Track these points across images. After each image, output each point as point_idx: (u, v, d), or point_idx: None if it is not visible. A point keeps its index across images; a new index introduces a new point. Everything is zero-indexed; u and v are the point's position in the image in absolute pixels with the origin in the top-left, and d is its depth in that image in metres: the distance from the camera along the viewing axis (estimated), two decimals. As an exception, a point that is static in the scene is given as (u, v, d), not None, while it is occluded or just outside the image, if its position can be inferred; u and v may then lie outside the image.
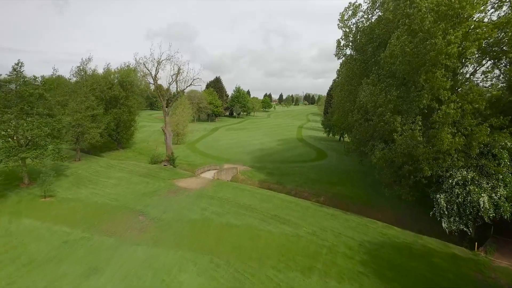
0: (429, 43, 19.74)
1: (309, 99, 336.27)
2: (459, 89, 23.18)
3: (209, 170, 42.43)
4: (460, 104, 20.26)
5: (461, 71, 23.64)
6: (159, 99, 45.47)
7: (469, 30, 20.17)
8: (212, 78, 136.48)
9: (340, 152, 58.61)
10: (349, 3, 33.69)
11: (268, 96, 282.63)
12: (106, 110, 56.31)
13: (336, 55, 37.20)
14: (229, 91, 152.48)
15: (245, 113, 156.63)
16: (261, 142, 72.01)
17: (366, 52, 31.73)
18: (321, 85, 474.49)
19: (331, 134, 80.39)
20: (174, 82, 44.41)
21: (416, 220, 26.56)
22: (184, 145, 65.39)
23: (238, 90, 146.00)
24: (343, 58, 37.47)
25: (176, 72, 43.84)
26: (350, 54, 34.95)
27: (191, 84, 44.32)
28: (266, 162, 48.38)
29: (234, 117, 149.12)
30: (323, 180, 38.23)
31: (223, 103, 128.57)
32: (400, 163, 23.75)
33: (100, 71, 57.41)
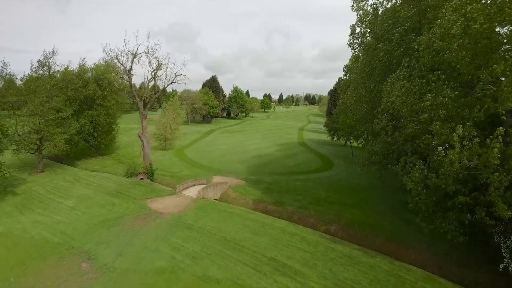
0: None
1: (310, 100, 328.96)
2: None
3: (193, 185, 35.17)
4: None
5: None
6: (134, 99, 38.26)
7: None
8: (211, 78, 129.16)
9: (348, 160, 51.42)
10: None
11: (267, 96, 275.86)
12: (80, 112, 49.31)
13: (350, 44, 30.03)
14: (229, 91, 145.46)
15: (243, 114, 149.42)
16: (259, 147, 64.76)
17: (390, 40, 24.50)
18: (322, 85, 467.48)
19: (335, 138, 73.15)
20: (153, 79, 37.16)
21: (467, 266, 19.33)
22: (173, 151, 58.16)
23: (236, 90, 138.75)
24: (359, 48, 30.26)
25: (155, 68, 36.64)
26: (368, 43, 27.68)
27: (173, 82, 37.11)
28: (263, 174, 41.11)
29: (232, 118, 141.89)
30: (332, 200, 30.98)
31: (219, 104, 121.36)
32: (451, 191, 16.57)
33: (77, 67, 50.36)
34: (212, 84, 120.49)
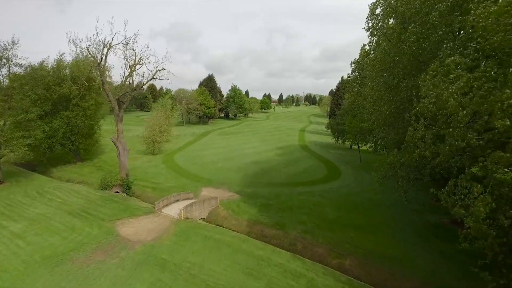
0: None
1: (310, 100, 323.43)
2: None
3: (177, 200, 29.51)
4: None
5: None
6: (108, 98, 32.59)
7: None
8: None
9: (357, 167, 45.80)
10: None
11: (267, 96, 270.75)
12: (54, 113, 43.70)
13: (367, 29, 24.48)
14: (227, 90, 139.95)
15: (242, 114, 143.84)
16: (257, 151, 59.10)
17: (424, 22, 18.83)
18: (323, 85, 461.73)
19: (340, 141, 67.46)
20: (130, 75, 31.51)
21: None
22: (161, 156, 52.52)
23: (234, 90, 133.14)
24: (378, 34, 24.65)
25: (133, 62, 30.99)
26: (392, 27, 21.95)
27: (154, 78, 31.48)
28: (261, 185, 35.45)
29: (230, 119, 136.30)
30: (344, 222, 25.34)
31: (217, 104, 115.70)
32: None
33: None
34: (208, 83, 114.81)
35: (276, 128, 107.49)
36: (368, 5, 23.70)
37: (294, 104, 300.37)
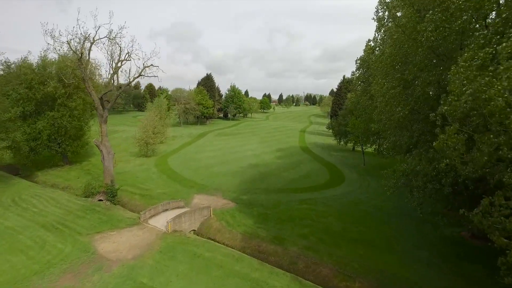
0: None
1: (310, 100, 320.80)
2: None
3: (166, 210, 26.78)
4: None
5: None
6: (91, 96, 29.83)
7: None
8: (214, 79, 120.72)
9: (362, 171, 43.08)
10: None
11: (267, 96, 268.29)
12: (39, 114, 41.00)
13: (377, 19, 21.79)
14: (226, 90, 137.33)
15: (241, 114, 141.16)
16: (255, 153, 56.38)
17: (445, 8, 16.11)
18: (323, 85, 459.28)
19: (342, 142, 64.65)
20: (115, 73, 28.78)
21: None
22: (154, 159, 49.79)
23: (233, 89, 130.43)
24: (388, 24, 21.93)
25: (117, 58, 28.30)
26: (407, 15, 19.20)
27: (141, 75, 28.72)
28: (259, 192, 32.72)
29: (229, 119, 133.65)
30: (352, 235, 22.61)
31: (215, 104, 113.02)
32: None
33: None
34: (207, 83, 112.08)
35: (276, 129, 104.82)
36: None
37: (294, 104, 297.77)
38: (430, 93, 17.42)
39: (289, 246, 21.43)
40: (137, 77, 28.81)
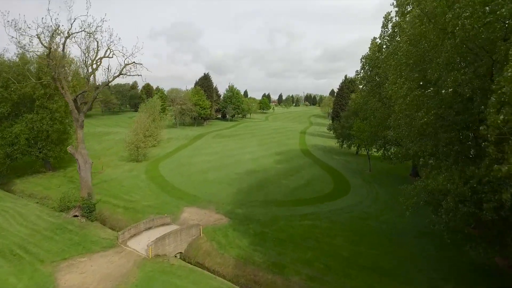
0: None
1: (310, 100, 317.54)
2: None
3: (149, 228, 23.42)
4: None
5: None
6: (65, 98, 26.37)
7: None
8: (213, 79, 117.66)
9: (368, 179, 39.79)
10: None
11: (266, 97, 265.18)
12: (16, 116, 37.68)
13: (396, 5, 18.39)
14: (224, 90, 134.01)
15: (240, 115, 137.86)
16: (254, 157, 53.08)
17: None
18: (323, 85, 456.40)
19: (345, 145, 61.31)
20: (93, 72, 25.38)
21: None
22: (145, 164, 46.46)
23: (231, 89, 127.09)
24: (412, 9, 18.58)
25: (96, 54, 24.90)
26: (429, 4, 15.87)
27: (121, 74, 25.36)
28: (256, 204, 29.38)
29: (227, 120, 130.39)
30: (363, 261, 19.28)
31: (212, 104, 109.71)
32: None
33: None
34: (204, 83, 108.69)
35: (275, 130, 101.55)
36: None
37: (294, 104, 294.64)
38: (467, 96, 14.07)
39: (290, 275, 18.12)
40: (118, 75, 25.44)
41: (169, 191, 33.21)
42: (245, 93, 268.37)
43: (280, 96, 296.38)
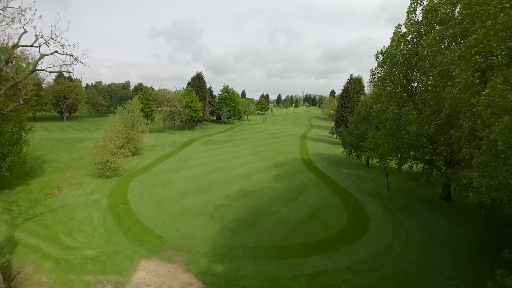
0: None
1: (310, 101, 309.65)
2: None
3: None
4: None
5: None
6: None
7: None
8: (213, 79, 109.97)
9: (387, 204, 31.53)
10: None
11: (264, 97, 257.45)
12: None
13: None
14: (219, 91, 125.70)
15: (236, 117, 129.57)
16: (247, 171, 44.80)
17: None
18: (322, 85, 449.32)
19: (353, 155, 53.14)
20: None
21: None
22: (114, 182, 38.08)
23: (226, 90, 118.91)
24: None
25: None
26: None
27: (37, 69, 16.93)
28: (244, 254, 20.96)
29: (222, 122, 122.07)
30: None
31: (205, 106, 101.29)
32: None
33: None
34: (196, 83, 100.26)
35: (273, 135, 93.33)
36: None
37: (293, 105, 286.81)
38: None
39: None
40: (33, 71, 17.01)
41: (129, 228, 24.76)
42: (243, 93, 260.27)
43: (279, 96, 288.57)
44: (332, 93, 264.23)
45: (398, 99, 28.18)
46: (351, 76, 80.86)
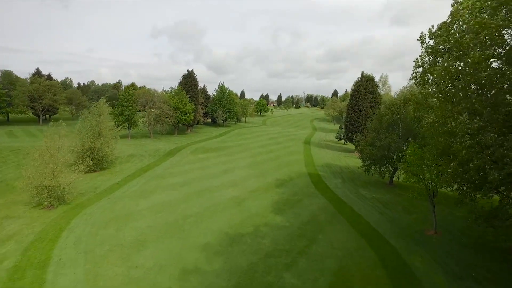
0: None
1: (312, 101, 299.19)
2: None
3: None
4: None
5: None
6: None
7: None
8: (214, 79, 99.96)
9: (444, 257, 20.86)
10: None
11: (264, 97, 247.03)
12: None
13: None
14: (214, 91, 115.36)
15: (233, 119, 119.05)
16: (240, 195, 34.29)
17: None
18: (324, 86, 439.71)
19: (372, 171, 42.45)
20: None
21: None
22: (56, 214, 27.61)
23: (221, 90, 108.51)
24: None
25: None
26: None
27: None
28: None
29: (217, 125, 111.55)
30: None
31: (198, 108, 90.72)
32: None
33: None
34: (187, 82, 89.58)
35: (274, 139, 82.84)
36: None
37: (294, 105, 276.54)
38: None
39: None
40: None
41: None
42: (242, 93, 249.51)
43: (279, 96, 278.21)
44: (335, 93, 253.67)
45: (472, 103, 17.64)
46: (362, 73, 70.33)
